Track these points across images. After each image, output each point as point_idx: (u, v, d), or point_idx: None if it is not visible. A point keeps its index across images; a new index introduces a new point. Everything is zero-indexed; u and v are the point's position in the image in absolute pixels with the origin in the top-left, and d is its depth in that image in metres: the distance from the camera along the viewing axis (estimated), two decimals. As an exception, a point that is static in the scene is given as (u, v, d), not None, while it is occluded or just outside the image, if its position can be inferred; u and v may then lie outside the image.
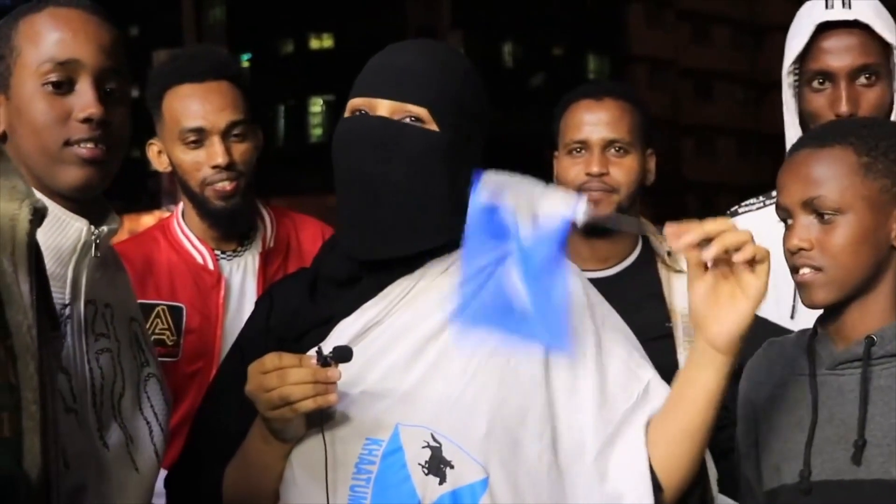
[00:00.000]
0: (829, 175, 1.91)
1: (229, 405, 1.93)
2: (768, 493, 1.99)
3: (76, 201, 1.82)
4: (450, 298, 1.87)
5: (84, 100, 1.78)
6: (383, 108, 1.90)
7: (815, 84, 2.46)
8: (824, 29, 2.45)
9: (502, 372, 1.85)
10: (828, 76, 2.44)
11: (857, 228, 1.90)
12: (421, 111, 1.89)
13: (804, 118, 2.51)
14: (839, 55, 2.42)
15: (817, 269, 1.91)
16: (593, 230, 2.70)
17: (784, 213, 1.97)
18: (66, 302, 1.79)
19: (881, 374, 1.90)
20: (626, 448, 1.88)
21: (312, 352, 1.78)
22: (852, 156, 1.92)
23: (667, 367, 2.09)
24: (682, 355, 2.07)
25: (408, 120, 1.89)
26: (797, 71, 2.51)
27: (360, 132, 1.90)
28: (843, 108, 2.40)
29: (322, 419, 1.81)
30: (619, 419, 1.89)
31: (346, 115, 1.95)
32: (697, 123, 43.74)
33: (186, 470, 2.00)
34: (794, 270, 1.95)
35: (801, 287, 1.94)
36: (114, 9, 1.88)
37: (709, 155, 45.03)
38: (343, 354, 1.77)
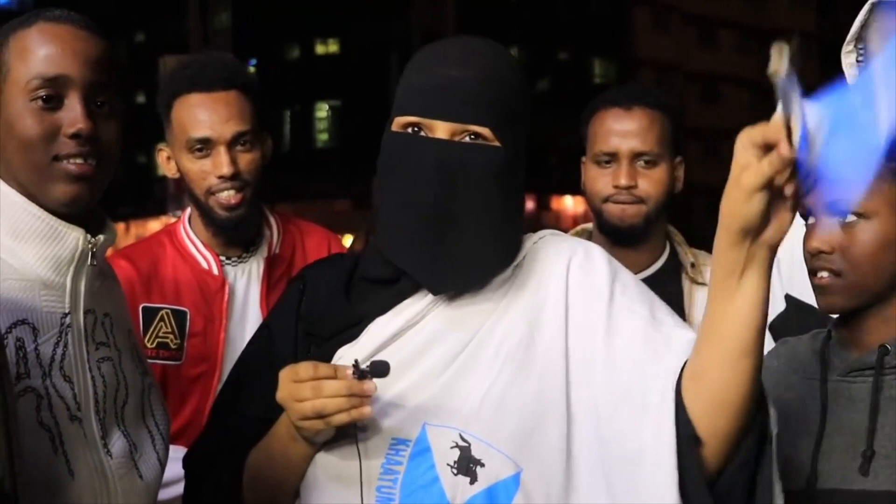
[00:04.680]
0: None
1: (252, 389, 1.91)
2: None
3: (69, 213, 1.82)
4: (487, 309, 1.85)
5: (72, 115, 1.78)
6: (442, 130, 1.82)
7: None
8: (882, 8, 2.33)
9: (524, 363, 1.81)
10: None
11: (880, 234, 1.86)
12: (483, 130, 1.83)
13: None
14: (888, 37, 2.26)
15: (836, 273, 1.87)
16: (621, 238, 2.71)
17: (805, 212, 1.91)
18: (66, 311, 1.80)
19: (893, 384, 1.86)
20: (650, 405, 1.73)
21: (348, 360, 1.75)
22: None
23: None
24: None
25: (467, 139, 1.82)
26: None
27: (424, 154, 1.82)
28: None
29: (354, 424, 1.77)
30: (638, 378, 1.76)
31: (396, 129, 1.86)
32: (703, 127, 43.68)
33: (206, 452, 1.97)
34: (812, 273, 1.90)
35: (819, 290, 1.90)
36: (120, 15, 1.86)
37: (715, 159, 44.97)
38: (381, 369, 1.72)
